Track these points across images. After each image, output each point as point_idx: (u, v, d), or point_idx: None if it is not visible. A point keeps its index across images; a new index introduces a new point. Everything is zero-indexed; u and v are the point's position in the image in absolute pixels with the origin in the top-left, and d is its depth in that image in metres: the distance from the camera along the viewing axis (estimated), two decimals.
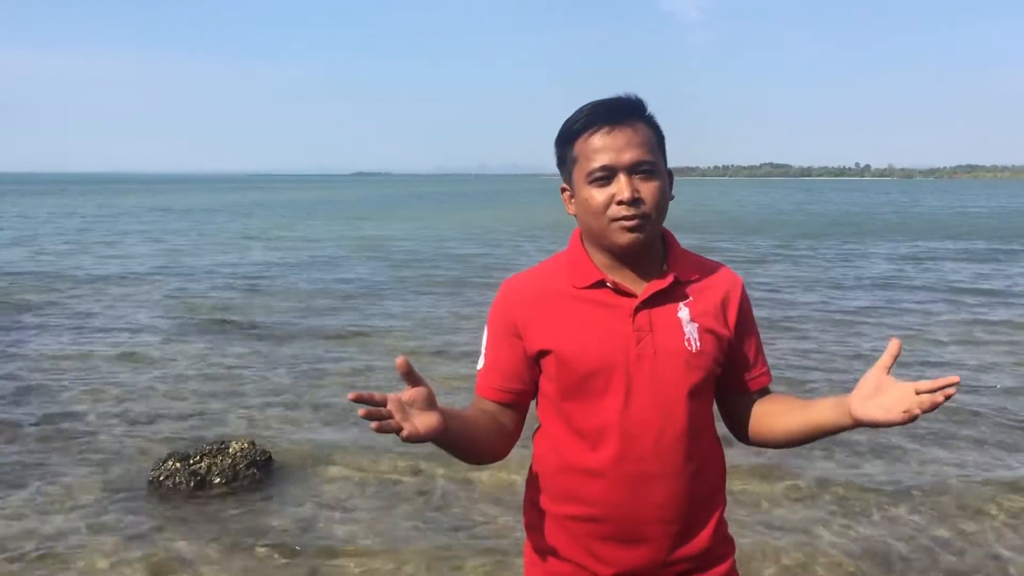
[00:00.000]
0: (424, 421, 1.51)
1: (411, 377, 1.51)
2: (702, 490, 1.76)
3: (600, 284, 1.75)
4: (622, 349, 1.70)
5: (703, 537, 1.77)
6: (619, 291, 1.73)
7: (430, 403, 1.53)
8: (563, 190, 1.81)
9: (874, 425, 1.57)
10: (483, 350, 1.85)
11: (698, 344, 1.72)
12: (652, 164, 1.69)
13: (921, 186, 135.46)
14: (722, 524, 1.82)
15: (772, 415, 1.81)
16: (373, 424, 1.43)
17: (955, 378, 1.51)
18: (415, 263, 17.53)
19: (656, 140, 1.73)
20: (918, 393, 1.52)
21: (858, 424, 1.60)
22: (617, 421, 1.70)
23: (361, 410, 1.44)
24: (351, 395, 1.45)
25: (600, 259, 1.77)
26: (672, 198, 1.78)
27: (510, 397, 1.81)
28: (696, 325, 1.73)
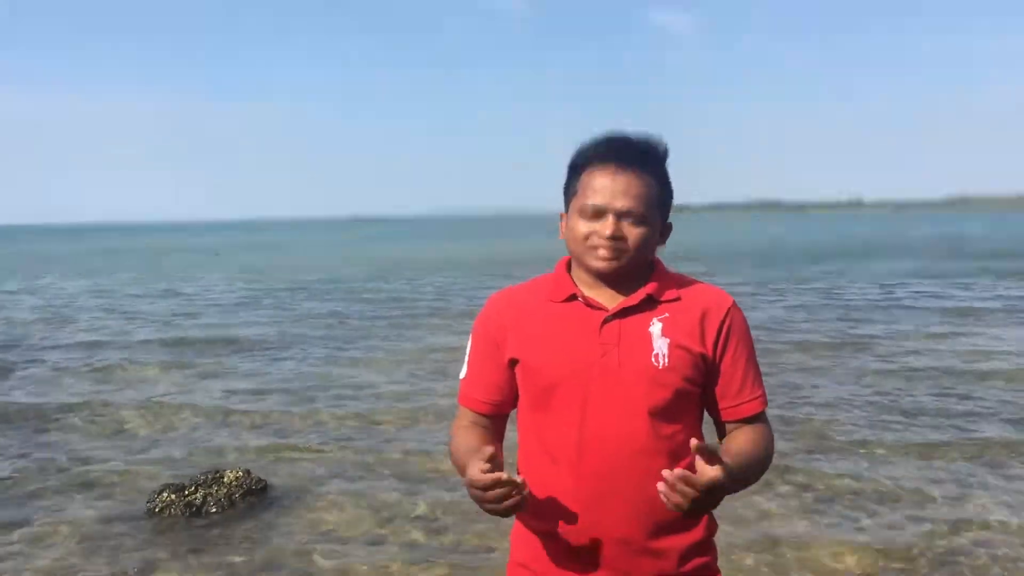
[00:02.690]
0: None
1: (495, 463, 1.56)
2: (668, 515, 1.65)
3: (573, 298, 1.76)
4: (585, 361, 1.69)
5: (667, 565, 1.70)
6: (590, 305, 1.74)
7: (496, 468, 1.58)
8: (561, 216, 1.83)
9: None
10: (466, 359, 1.89)
11: (666, 360, 1.67)
12: (643, 216, 1.69)
13: (921, 217, 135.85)
14: (696, 553, 1.73)
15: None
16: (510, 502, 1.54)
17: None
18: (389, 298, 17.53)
19: (657, 195, 1.72)
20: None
21: None
22: (575, 435, 1.68)
23: (511, 499, 1.54)
24: (491, 478, 1.53)
25: (581, 277, 1.79)
26: (662, 246, 1.79)
27: (490, 408, 1.84)
28: (667, 341, 1.69)
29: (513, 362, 1.78)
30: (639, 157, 1.70)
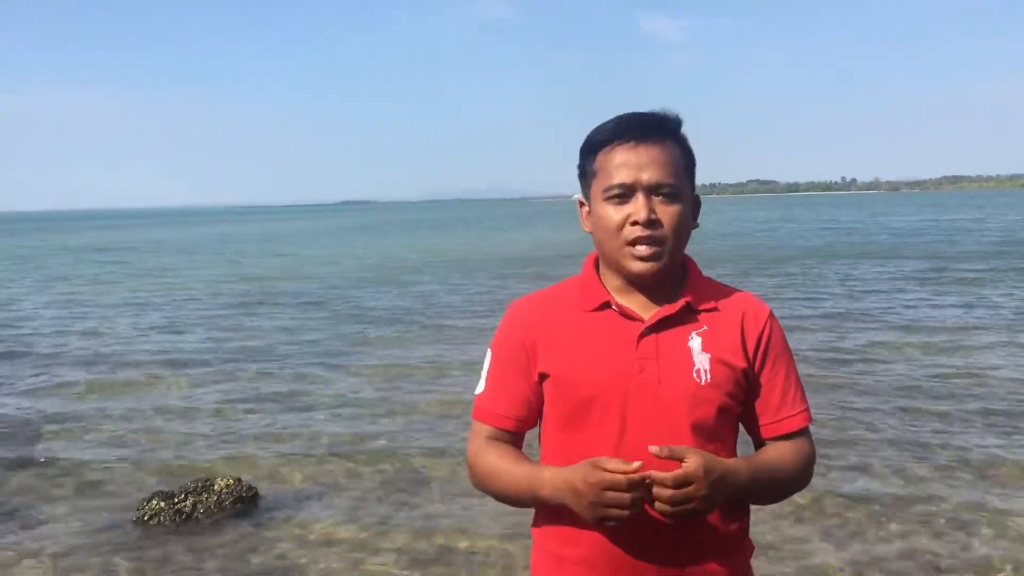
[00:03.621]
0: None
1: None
2: (710, 540, 1.60)
3: (606, 306, 1.64)
4: (621, 377, 1.58)
5: None
6: (625, 315, 1.62)
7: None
8: (580, 204, 1.71)
9: None
10: (484, 374, 1.74)
11: (708, 376, 1.57)
12: (674, 187, 1.58)
13: (911, 199, 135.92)
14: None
15: None
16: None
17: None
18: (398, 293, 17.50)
19: (683, 163, 1.62)
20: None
21: None
22: (611, 454, 1.55)
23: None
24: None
25: (612, 282, 1.67)
26: (696, 226, 1.68)
27: (512, 424, 1.70)
28: (708, 356, 1.59)
29: (543, 377, 1.65)
30: (657, 127, 1.60)
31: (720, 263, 21.23)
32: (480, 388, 1.74)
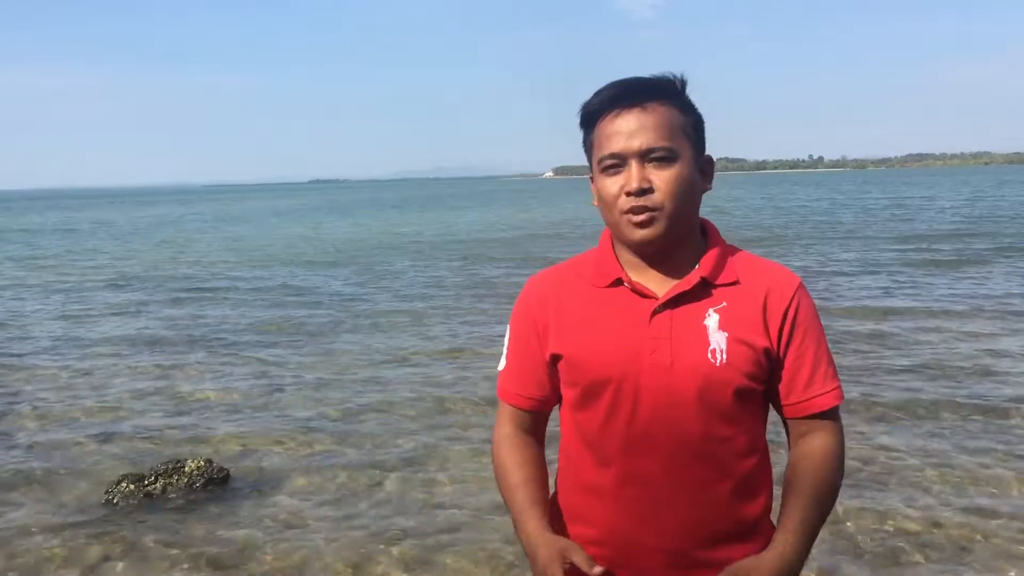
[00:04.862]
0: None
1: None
2: (724, 524, 1.55)
3: (618, 283, 1.59)
4: (633, 357, 1.52)
5: None
6: (638, 292, 1.56)
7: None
8: (591, 179, 1.65)
9: None
10: (505, 350, 1.73)
11: (724, 356, 1.50)
12: (668, 150, 1.51)
13: (881, 176, 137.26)
14: None
15: (785, 481, 1.61)
16: None
17: None
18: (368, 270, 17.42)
19: (681, 123, 1.53)
20: None
21: None
22: (621, 437, 1.54)
23: None
24: None
25: (625, 256, 1.61)
26: (708, 188, 1.60)
27: (532, 403, 1.68)
28: (725, 335, 1.51)
29: (556, 357, 1.62)
30: (645, 90, 1.53)
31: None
32: (501, 365, 1.74)
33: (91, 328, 11.22)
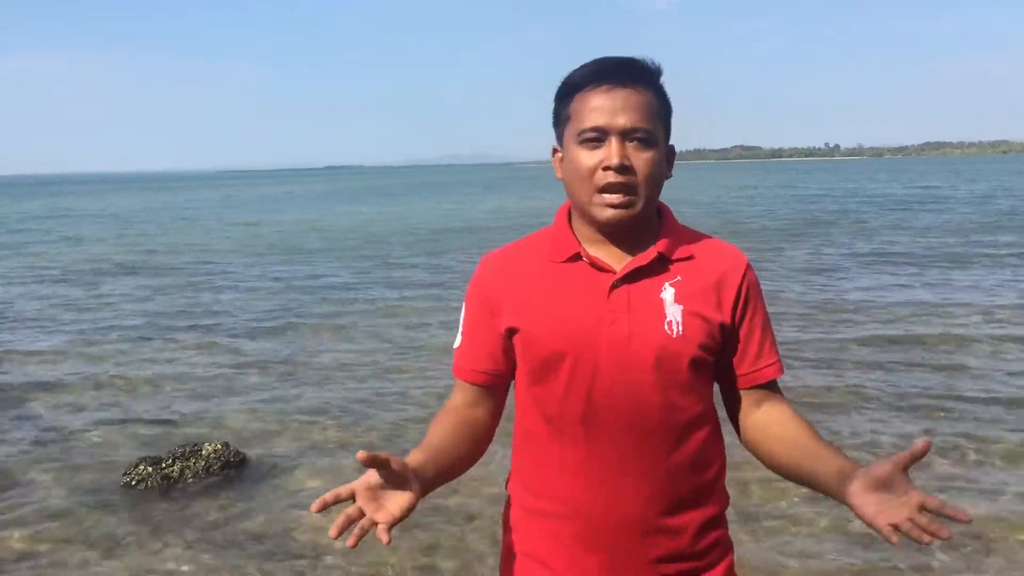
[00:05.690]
0: (398, 501, 1.37)
1: (375, 464, 1.34)
2: (684, 491, 1.60)
3: (576, 258, 1.61)
4: (591, 330, 1.55)
5: (682, 542, 1.60)
6: (596, 267, 1.59)
7: (401, 475, 1.38)
8: (554, 151, 1.67)
9: (861, 518, 1.39)
10: (460, 327, 1.74)
11: (680, 329, 1.54)
12: (649, 133, 1.54)
13: (897, 164, 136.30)
14: (712, 527, 1.64)
15: (775, 443, 1.60)
16: (349, 541, 1.30)
17: (966, 516, 1.28)
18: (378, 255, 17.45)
19: (660, 110, 1.57)
20: (922, 508, 1.31)
21: (848, 505, 1.41)
22: (581, 410, 1.56)
23: (332, 529, 1.28)
24: (314, 507, 1.29)
25: (584, 232, 1.63)
26: (670, 176, 1.64)
27: (487, 379, 1.69)
28: (681, 308, 1.55)
29: (511, 331, 1.63)
30: (633, 72, 1.55)
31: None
32: (456, 342, 1.74)
33: (104, 314, 11.29)
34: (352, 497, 1.34)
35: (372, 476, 1.36)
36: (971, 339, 8.33)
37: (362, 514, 1.33)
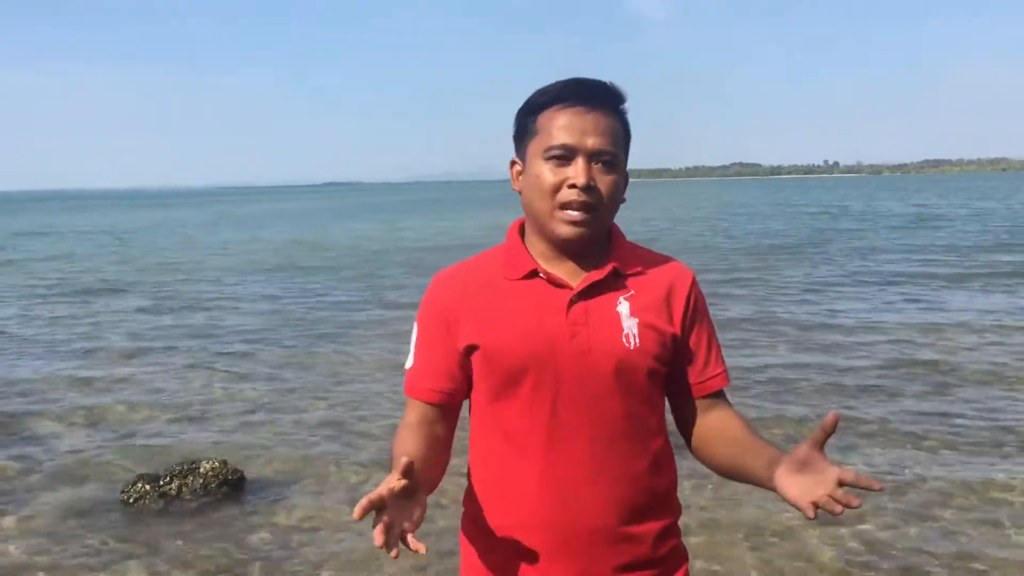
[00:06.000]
0: (419, 510, 1.40)
1: (410, 471, 1.35)
2: (643, 499, 1.64)
3: (533, 274, 1.64)
4: (552, 344, 1.58)
5: (643, 550, 1.64)
6: (553, 282, 1.62)
7: (414, 485, 1.39)
8: (512, 164, 1.69)
9: (786, 500, 1.44)
10: (412, 347, 1.73)
11: (637, 341, 1.59)
12: (615, 157, 1.59)
13: (896, 182, 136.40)
14: (669, 535, 1.69)
15: (717, 440, 1.67)
16: (393, 553, 1.31)
17: (877, 484, 1.39)
18: (372, 273, 17.46)
19: (623, 136, 1.63)
20: (841, 483, 1.38)
21: (776, 490, 1.47)
22: (545, 423, 1.59)
23: (357, 510, 1.27)
24: (356, 513, 1.28)
25: (538, 248, 1.66)
26: (623, 201, 1.67)
27: (442, 397, 1.68)
28: (636, 320, 1.60)
29: (471, 348, 1.63)
30: (603, 96, 1.60)
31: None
32: (409, 363, 1.73)
33: (101, 332, 11.30)
34: (384, 505, 1.32)
35: (398, 482, 1.34)
36: (967, 359, 8.37)
37: (394, 523, 1.33)
